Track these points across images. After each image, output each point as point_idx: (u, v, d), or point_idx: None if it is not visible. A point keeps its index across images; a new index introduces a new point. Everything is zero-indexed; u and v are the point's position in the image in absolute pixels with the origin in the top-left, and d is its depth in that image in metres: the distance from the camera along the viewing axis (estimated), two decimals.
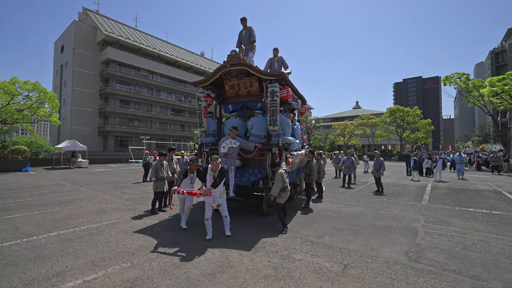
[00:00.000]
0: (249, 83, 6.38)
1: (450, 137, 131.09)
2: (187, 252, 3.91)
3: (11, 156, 18.37)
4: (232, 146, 5.55)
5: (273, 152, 5.65)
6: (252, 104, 6.63)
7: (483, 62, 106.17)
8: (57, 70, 39.86)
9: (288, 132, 6.39)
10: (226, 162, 5.50)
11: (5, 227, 5.12)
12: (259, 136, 6.08)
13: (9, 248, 4.03)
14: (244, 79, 6.32)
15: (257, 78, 6.14)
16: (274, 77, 5.76)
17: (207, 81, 6.42)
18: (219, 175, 4.34)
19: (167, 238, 4.55)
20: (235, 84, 6.52)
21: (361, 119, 48.93)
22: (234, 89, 6.66)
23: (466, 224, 5.53)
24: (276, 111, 5.65)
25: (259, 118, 6.15)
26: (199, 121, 6.57)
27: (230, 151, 5.54)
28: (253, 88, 6.45)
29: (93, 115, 36.62)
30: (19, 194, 8.92)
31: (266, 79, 5.83)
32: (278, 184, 4.92)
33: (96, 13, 39.90)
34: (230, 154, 5.55)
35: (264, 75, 5.84)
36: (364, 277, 3.16)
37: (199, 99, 6.47)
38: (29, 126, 22.46)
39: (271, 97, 5.63)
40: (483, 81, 22.53)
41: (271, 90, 5.63)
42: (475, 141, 64.90)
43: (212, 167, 4.41)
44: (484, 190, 10.18)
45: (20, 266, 3.40)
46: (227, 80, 6.50)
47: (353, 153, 12.21)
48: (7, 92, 19.08)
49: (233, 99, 6.89)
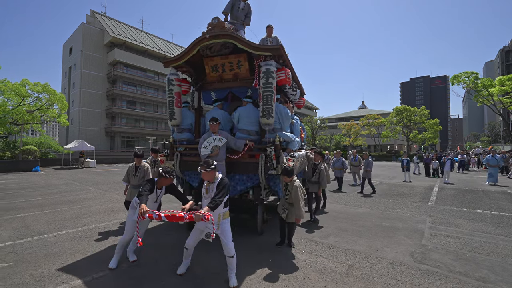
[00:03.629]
0: (237, 63, 4.94)
1: (459, 137, 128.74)
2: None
3: (22, 156, 18.84)
4: (217, 145, 4.18)
5: (268, 153, 4.23)
6: (240, 90, 5.18)
7: (492, 60, 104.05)
8: (66, 72, 40.65)
9: (286, 126, 5.03)
10: None
11: (16, 225, 5.27)
12: (248, 131, 4.65)
13: (21, 245, 4.15)
14: (230, 57, 4.91)
15: (247, 56, 4.75)
16: (269, 52, 4.31)
17: (181, 59, 4.86)
18: (221, 189, 2.94)
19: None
20: (219, 64, 5.05)
21: (367, 119, 48.48)
22: (217, 71, 5.16)
23: (473, 225, 5.46)
24: (271, 98, 4.22)
25: (248, 108, 4.71)
26: (169, 112, 5.01)
27: (215, 151, 4.13)
28: (241, 70, 4.98)
29: (101, 116, 37.20)
30: (30, 193, 9.15)
31: (259, 56, 4.40)
32: (299, 202, 3.86)
33: (104, 15, 40.59)
34: (214, 155, 4.11)
35: (256, 50, 4.38)
36: (369, 278, 3.16)
37: (170, 82, 4.96)
38: (39, 127, 23.00)
39: (265, 78, 4.20)
40: (492, 80, 22.13)
41: (265, 69, 4.22)
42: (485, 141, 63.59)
43: (206, 177, 3.02)
44: (493, 191, 9.99)
45: (31, 263, 3.51)
46: (208, 59, 5.05)
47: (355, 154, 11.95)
48: (18, 93, 19.59)
49: (216, 84, 5.34)
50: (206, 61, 5.10)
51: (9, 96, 19.64)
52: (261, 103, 4.29)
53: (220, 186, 2.98)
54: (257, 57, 4.45)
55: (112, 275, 3.19)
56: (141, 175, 4.79)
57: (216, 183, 3.02)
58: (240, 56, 4.85)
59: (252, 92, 4.96)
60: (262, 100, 4.27)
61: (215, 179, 3.05)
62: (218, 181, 3.02)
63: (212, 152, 4.18)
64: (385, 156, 42.81)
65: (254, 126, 4.68)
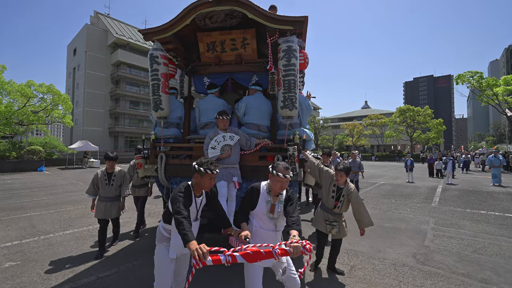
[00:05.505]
0: (241, 41, 3.90)
1: (463, 137, 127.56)
2: None
3: (27, 157, 19.08)
4: (228, 144, 3.31)
5: (291, 153, 3.33)
6: (243, 76, 4.20)
7: (497, 60, 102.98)
8: (70, 72, 41.06)
9: (306, 120, 4.17)
10: (225, 172, 3.25)
11: (23, 224, 5.36)
12: (258, 126, 3.73)
13: (27, 245, 4.23)
14: (233, 33, 3.86)
15: (256, 32, 3.80)
16: (291, 26, 3.34)
17: (169, 30, 3.65)
18: (295, 203, 2.21)
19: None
20: (217, 41, 3.96)
21: (370, 119, 48.27)
22: (214, 51, 4.07)
23: (477, 226, 5.43)
24: (294, 84, 3.34)
25: (258, 98, 3.78)
26: (153, 100, 3.78)
27: (226, 152, 3.28)
28: (246, 50, 3.97)
29: (104, 116, 37.50)
30: (35, 193, 9.28)
31: (275, 31, 3.44)
32: (364, 206, 3.16)
33: (107, 16, 40.93)
34: (226, 157, 3.30)
35: (274, 22, 3.34)
36: (371, 279, 3.18)
37: (155, 60, 3.70)
38: (43, 127, 23.28)
39: (286, 58, 3.29)
40: (497, 79, 21.90)
41: (286, 47, 3.30)
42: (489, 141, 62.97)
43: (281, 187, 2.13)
44: (498, 192, 9.91)
45: (38, 262, 3.58)
46: (204, 34, 3.94)
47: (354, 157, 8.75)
48: (23, 94, 19.84)
49: (212, 67, 4.24)
50: (201, 37, 3.95)
51: (15, 97, 19.90)
52: (281, 90, 3.38)
53: (293, 199, 2.22)
54: (272, 33, 3.49)
55: (118, 275, 3.24)
56: (117, 183, 3.90)
57: (284, 196, 2.21)
58: (247, 32, 3.80)
59: (258, 79, 4.11)
60: (283, 87, 3.35)
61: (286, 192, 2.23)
62: (289, 194, 2.24)
63: (222, 153, 3.29)
64: (388, 156, 42.61)
65: (265, 120, 3.79)
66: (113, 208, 3.91)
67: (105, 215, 3.85)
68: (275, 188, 2.13)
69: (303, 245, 1.76)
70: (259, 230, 2.19)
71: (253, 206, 2.21)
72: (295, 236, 1.85)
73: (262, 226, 2.20)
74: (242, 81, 4.25)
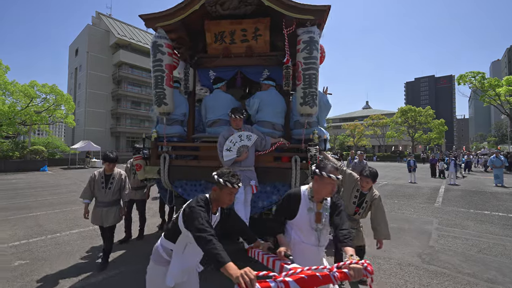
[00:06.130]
0: (253, 32, 3.60)
1: (465, 137, 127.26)
2: None
3: (30, 156, 19.19)
4: (245, 145, 3.01)
5: (312, 154, 3.13)
6: (253, 70, 3.87)
7: (499, 60, 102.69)
8: (72, 73, 41.23)
9: (324, 119, 3.85)
10: (242, 175, 2.78)
11: (30, 224, 5.41)
12: (273, 125, 3.46)
13: (35, 244, 4.27)
14: (245, 22, 3.56)
15: (270, 22, 3.48)
16: (311, 15, 3.11)
17: (174, 16, 3.34)
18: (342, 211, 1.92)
19: None
20: (227, 31, 3.65)
21: (371, 119, 48.26)
22: (222, 42, 3.73)
23: (481, 227, 5.44)
24: (315, 78, 3.12)
25: (272, 94, 3.50)
26: (156, 93, 3.41)
27: (243, 154, 2.99)
28: (258, 42, 3.67)
29: (106, 117, 37.64)
30: (40, 192, 9.33)
31: (292, 21, 3.18)
32: (386, 217, 2.96)
33: (109, 17, 41.07)
34: (243, 159, 3.01)
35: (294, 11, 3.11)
36: (377, 278, 3.20)
37: (158, 49, 3.34)
38: (46, 127, 23.39)
39: (307, 50, 3.05)
40: (500, 80, 21.88)
41: (308, 38, 3.05)
42: (491, 141, 62.81)
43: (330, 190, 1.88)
44: (501, 193, 9.91)
45: (47, 261, 3.62)
46: (212, 23, 3.61)
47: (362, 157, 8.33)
48: (26, 95, 19.96)
49: (219, 60, 3.88)
50: (209, 26, 3.61)
51: (18, 97, 20.03)
52: (300, 85, 3.13)
53: (339, 207, 1.92)
54: (289, 23, 3.22)
55: (126, 274, 3.28)
56: (115, 187, 3.50)
57: (329, 202, 1.94)
58: (260, 22, 3.51)
59: (270, 73, 3.81)
60: (303, 81, 3.11)
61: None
62: (334, 200, 1.95)
63: (238, 155, 2.97)
64: (389, 157, 42.56)
65: (280, 118, 3.53)
66: (109, 214, 3.45)
67: (102, 222, 3.45)
68: (324, 192, 1.85)
69: (364, 266, 1.47)
70: (300, 245, 1.89)
71: (292, 215, 1.92)
72: (352, 255, 1.56)
73: (303, 240, 1.90)
74: (252, 76, 3.89)
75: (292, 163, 3.17)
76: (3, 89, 18.87)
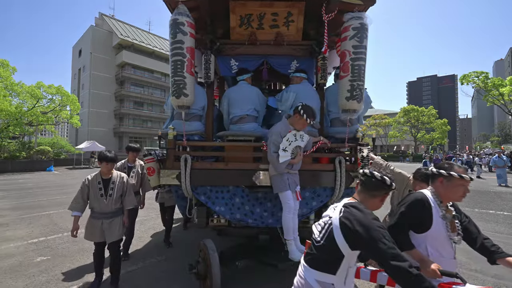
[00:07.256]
0: (285, 17, 3.15)
1: (467, 137, 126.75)
2: None
3: (36, 157, 19.43)
4: (299, 145, 2.64)
5: (365, 155, 2.88)
6: (281, 61, 3.42)
7: (502, 59, 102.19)
8: (75, 73, 41.57)
9: (363, 116, 3.49)
10: (291, 179, 2.64)
11: (44, 222, 5.56)
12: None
13: (53, 241, 4.42)
14: (276, 5, 3.07)
15: (305, 7, 3.05)
16: (360, 1, 2.77)
17: None
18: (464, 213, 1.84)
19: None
20: (255, 15, 3.16)
21: (373, 119, 48.26)
22: (249, 26, 3.24)
23: (486, 226, 5.53)
24: (364, 70, 2.77)
25: (307, 87, 3.15)
26: (175, 82, 2.76)
27: (298, 156, 2.64)
28: (289, 29, 3.23)
29: (109, 117, 37.93)
30: (48, 192, 9.51)
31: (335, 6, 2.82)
32: None
33: (112, 18, 41.37)
34: (297, 162, 2.66)
35: None
36: None
37: (179, 27, 2.70)
38: (51, 127, 23.66)
39: (357, 38, 2.69)
40: (503, 79, 21.89)
41: (358, 24, 2.69)
42: (494, 141, 62.60)
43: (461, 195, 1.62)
44: (505, 192, 9.96)
45: (67, 257, 3.76)
46: (238, 4, 3.09)
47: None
48: (33, 95, 20.22)
49: (243, 48, 3.37)
50: (234, 7, 3.08)
51: (25, 98, 20.28)
52: (347, 76, 2.74)
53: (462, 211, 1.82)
54: (332, 7, 2.82)
55: (144, 269, 3.41)
56: (117, 193, 2.86)
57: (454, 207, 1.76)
58: (294, 6, 3.04)
59: (300, 64, 3.37)
60: (351, 73, 2.72)
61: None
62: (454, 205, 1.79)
63: (293, 157, 2.59)
64: (392, 157, 42.53)
65: (317, 114, 3.03)
66: (113, 227, 2.79)
67: (103, 237, 2.78)
68: (454, 196, 1.62)
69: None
70: (440, 260, 1.59)
71: (427, 225, 1.62)
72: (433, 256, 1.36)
73: (443, 254, 1.63)
74: (279, 67, 3.44)
75: (336, 164, 2.83)
76: (10, 90, 19.13)
